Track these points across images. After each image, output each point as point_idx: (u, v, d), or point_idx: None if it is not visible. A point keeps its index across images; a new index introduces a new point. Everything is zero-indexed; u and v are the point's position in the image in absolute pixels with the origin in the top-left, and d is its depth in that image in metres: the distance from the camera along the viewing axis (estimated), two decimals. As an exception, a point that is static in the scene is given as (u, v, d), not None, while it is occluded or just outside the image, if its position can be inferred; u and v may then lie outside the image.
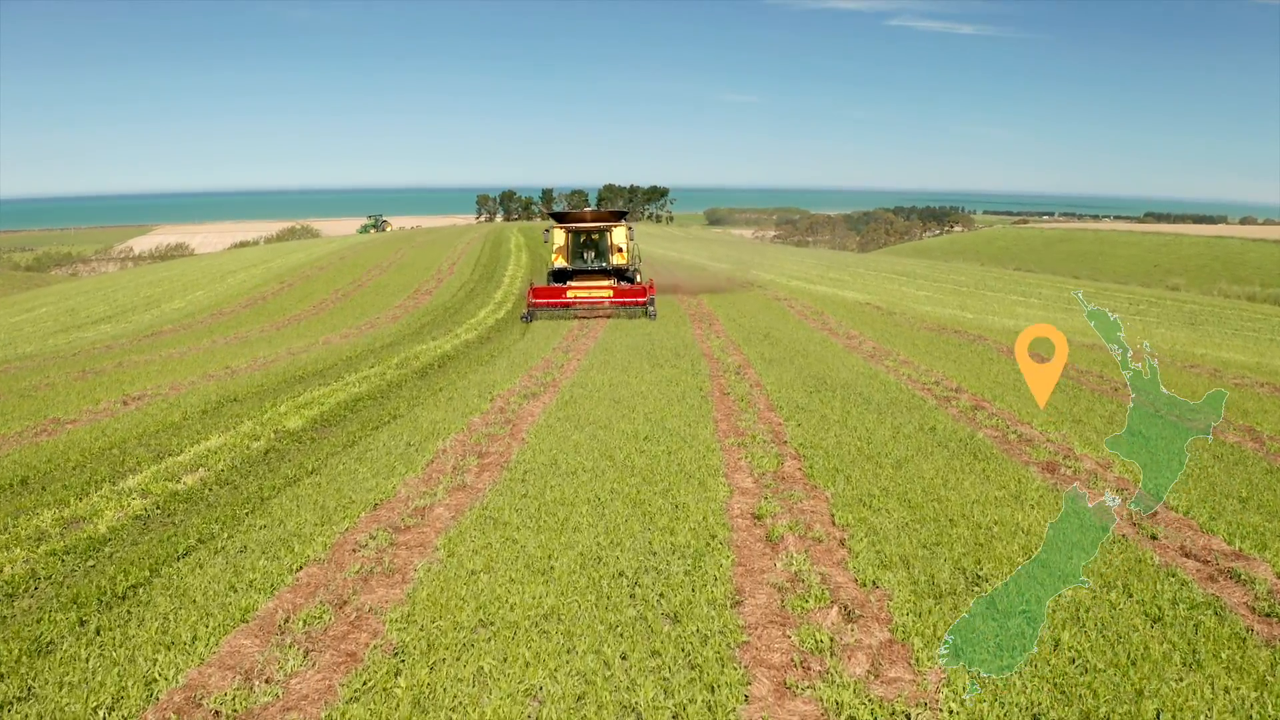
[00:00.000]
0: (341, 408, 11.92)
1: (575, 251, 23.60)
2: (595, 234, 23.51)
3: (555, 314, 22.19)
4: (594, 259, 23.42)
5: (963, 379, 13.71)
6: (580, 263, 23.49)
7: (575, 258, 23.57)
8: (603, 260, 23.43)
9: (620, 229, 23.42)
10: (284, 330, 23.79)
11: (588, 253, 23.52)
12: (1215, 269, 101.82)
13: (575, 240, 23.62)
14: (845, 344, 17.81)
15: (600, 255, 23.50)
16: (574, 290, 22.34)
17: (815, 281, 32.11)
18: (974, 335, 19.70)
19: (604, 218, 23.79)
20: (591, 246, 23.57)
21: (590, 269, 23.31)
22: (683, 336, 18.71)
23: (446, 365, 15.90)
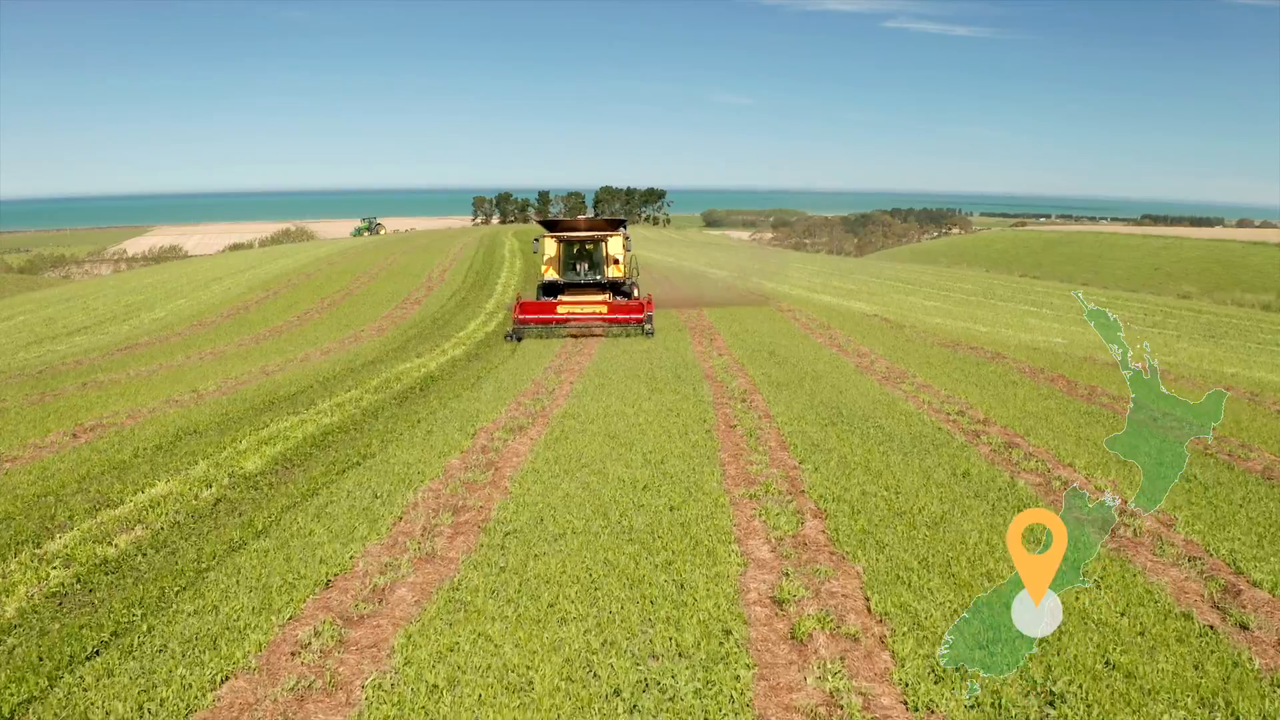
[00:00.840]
0: (308, 443, 10.82)
1: (567, 263, 21.89)
2: (589, 244, 21.84)
3: (545, 332, 20.57)
4: (588, 271, 21.74)
5: (988, 407, 12.64)
6: (573, 275, 21.79)
7: (567, 270, 21.86)
8: (597, 273, 21.77)
9: (616, 239, 21.75)
10: (263, 344, 22.67)
11: (581, 264, 21.83)
12: (1217, 272, 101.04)
13: (568, 251, 21.90)
14: (857, 363, 16.74)
15: (595, 267, 21.83)
16: (566, 305, 20.75)
17: (819, 290, 31.04)
18: (991, 352, 18.64)
19: (599, 226, 22.25)
20: (585, 257, 21.88)
21: (584, 282, 21.61)
22: (683, 354, 17.63)
23: (429, 389, 14.79)
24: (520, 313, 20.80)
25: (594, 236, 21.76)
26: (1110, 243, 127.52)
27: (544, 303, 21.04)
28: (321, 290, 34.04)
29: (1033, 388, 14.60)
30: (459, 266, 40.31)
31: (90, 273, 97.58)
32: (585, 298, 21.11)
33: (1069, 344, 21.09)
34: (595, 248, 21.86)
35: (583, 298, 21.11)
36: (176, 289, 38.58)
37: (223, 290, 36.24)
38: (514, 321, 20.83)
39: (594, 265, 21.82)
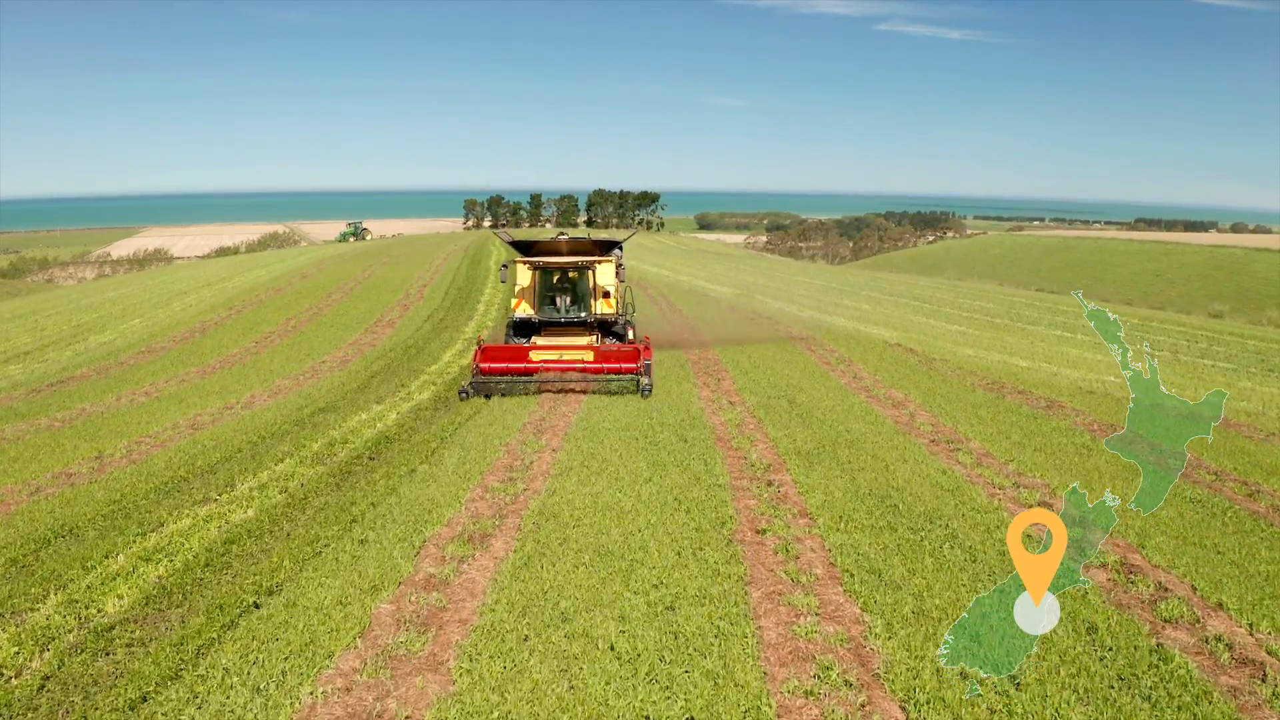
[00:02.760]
0: (202, 561, 8.18)
1: (545, 295, 17.60)
2: (573, 272, 17.50)
3: (513, 384, 15.84)
4: (570, 306, 17.51)
5: (1065, 485, 10.07)
6: (551, 311, 17.54)
7: (544, 304, 17.60)
8: (582, 308, 17.51)
9: (607, 265, 17.44)
10: (208, 379, 19.98)
11: (562, 298, 17.56)
12: (1220, 279, 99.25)
13: (545, 281, 17.55)
14: (894, 418, 14.17)
15: (579, 301, 17.54)
16: (541, 351, 16.38)
17: (830, 311, 28.51)
18: (1044, 399, 16.12)
19: (585, 250, 17.71)
20: (567, 289, 17.56)
21: (564, 320, 17.47)
22: (687, 402, 15.04)
23: (380, 456, 12.14)
24: (482, 360, 16.27)
25: (578, 263, 17.37)
26: (1110, 249, 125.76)
27: (513, 347, 16.62)
28: (289, 309, 31.30)
29: (1116, 458, 12.03)
30: (440, 281, 37.62)
31: (74, 276, 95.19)
32: (566, 340, 16.91)
33: (1124, 383, 18.58)
34: (580, 277, 17.55)
35: (563, 340, 16.91)
36: (135, 305, 35.78)
37: (183, 308, 33.47)
38: (473, 373, 16.22)
39: (578, 299, 17.56)
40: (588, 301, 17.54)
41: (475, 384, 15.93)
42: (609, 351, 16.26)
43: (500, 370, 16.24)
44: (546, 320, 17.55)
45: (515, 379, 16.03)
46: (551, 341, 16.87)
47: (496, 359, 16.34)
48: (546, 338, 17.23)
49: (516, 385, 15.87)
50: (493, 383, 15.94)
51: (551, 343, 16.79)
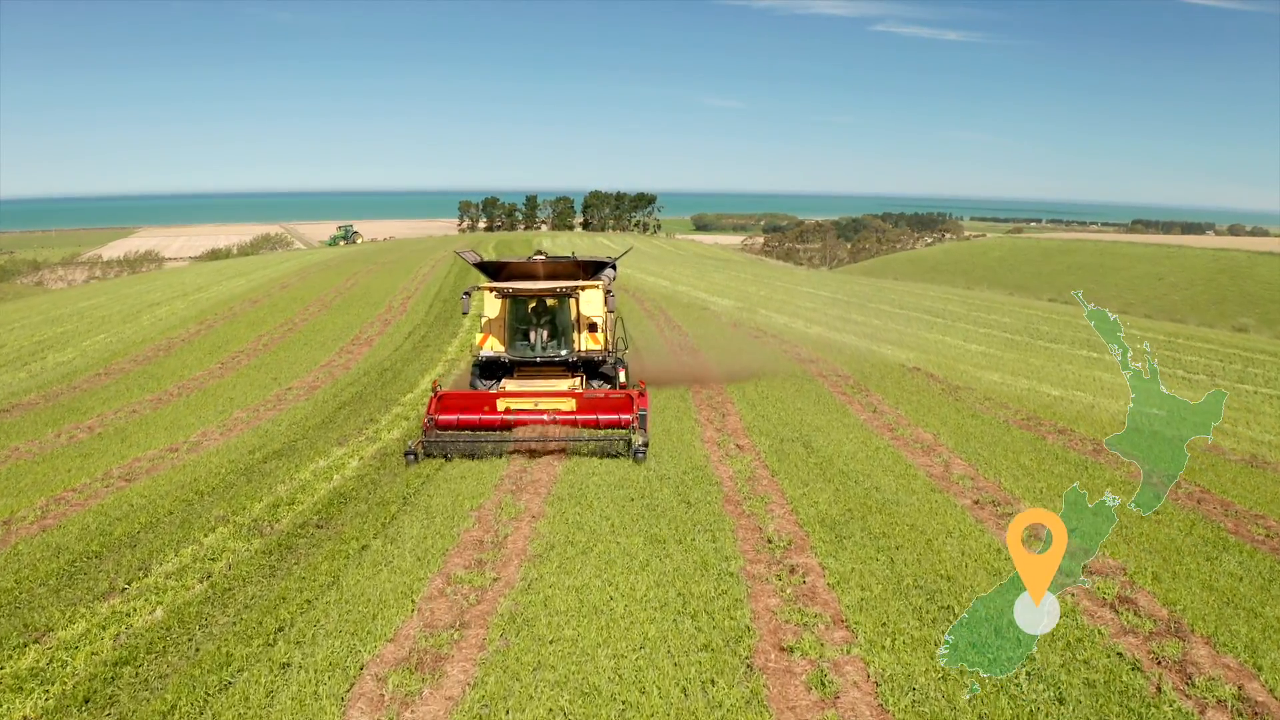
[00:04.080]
0: (75, 699, 6.41)
1: (516, 330, 14.78)
2: (551, 300, 14.68)
3: (476, 443, 12.82)
4: (548, 343, 14.69)
5: (1151, 578, 8.40)
6: (524, 348, 14.73)
7: (516, 339, 14.76)
8: (562, 345, 14.70)
9: (594, 292, 14.62)
10: (161, 410, 18.15)
11: (537, 332, 14.67)
12: (1223, 283, 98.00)
13: (517, 311, 14.79)
14: (926, 467, 12.43)
15: (559, 336, 14.70)
16: (512, 400, 13.57)
17: (838, 327, 26.77)
18: (1088, 440, 14.41)
19: (566, 272, 14.76)
20: (545, 320, 14.77)
21: (540, 360, 14.66)
22: (689, 448, 13.28)
23: (329, 524, 10.35)
24: (438, 411, 13.31)
25: (558, 289, 14.40)
26: (1111, 251, 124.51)
27: (477, 394, 13.82)
28: (263, 324, 29.47)
29: (1192, 524, 10.34)
30: (425, 291, 35.80)
31: (64, 278, 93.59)
32: (543, 385, 14.11)
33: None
34: (560, 307, 14.68)
35: (539, 385, 14.11)
36: (104, 318, 33.89)
37: (153, 321, 31.61)
38: (424, 428, 13.09)
39: (557, 333, 14.72)
40: (569, 336, 14.65)
41: (427, 443, 12.77)
42: (595, 400, 13.40)
43: (460, 424, 13.40)
44: (519, 360, 14.63)
45: (479, 435, 13.16)
46: (525, 386, 14.05)
47: (455, 409, 13.45)
48: (519, 381, 14.41)
49: (481, 444, 12.80)
50: (450, 441, 12.90)
51: (525, 388, 13.97)
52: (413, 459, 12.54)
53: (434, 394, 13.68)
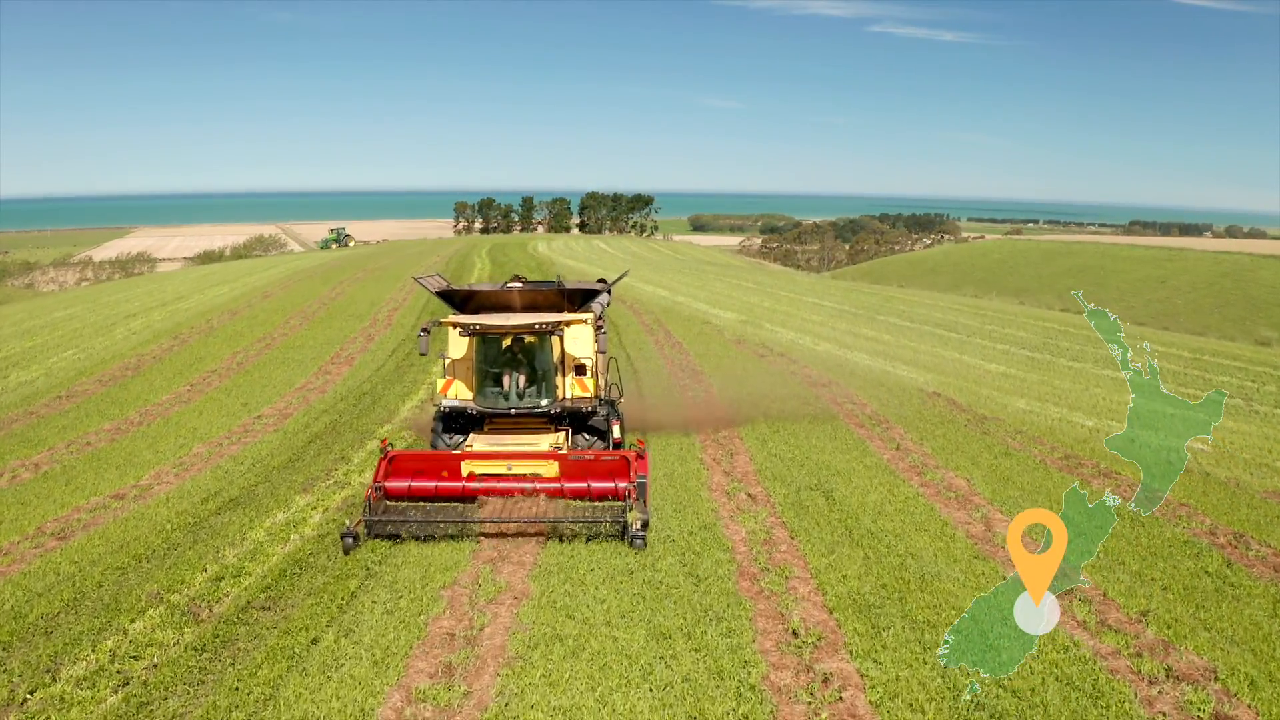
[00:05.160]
0: None
1: (486, 374, 12.19)
2: (529, 337, 12.05)
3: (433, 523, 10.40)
4: (525, 389, 12.10)
5: (1235, 673, 7.03)
6: (496, 397, 12.12)
7: (486, 386, 12.17)
8: (542, 393, 12.09)
9: (581, 328, 12.19)
10: (116, 443, 16.64)
11: (512, 377, 12.11)
12: (1227, 287, 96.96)
13: (488, 352, 12.21)
14: (964, 525, 10.99)
15: (538, 381, 12.13)
16: (480, 462, 11.13)
17: (849, 344, 25.29)
18: (1133, 484, 12.94)
19: (548, 303, 12.36)
20: (522, 362, 12.20)
21: (515, 411, 12.00)
22: (694, 499, 11.84)
23: (276, 604, 8.86)
24: (389, 477, 10.86)
25: (537, 325, 11.73)
26: (1112, 254, 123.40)
27: (437, 455, 11.48)
28: (240, 338, 27.95)
29: (1277, 601, 8.91)
30: (413, 303, 34.26)
31: (55, 280, 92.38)
32: (518, 442, 11.61)
33: (1218, 449, 15.47)
34: (541, 345, 12.08)
35: (514, 442, 11.61)
36: (77, 331, 32.34)
37: (126, 335, 30.07)
38: (367, 501, 10.52)
39: (537, 378, 12.15)
40: (551, 382, 12.06)
41: (370, 522, 10.25)
42: (584, 463, 10.91)
43: (414, 492, 10.88)
44: (490, 411, 12.00)
45: (437, 507, 10.75)
46: (497, 445, 11.51)
47: (409, 473, 10.93)
48: (490, 437, 11.85)
49: (439, 523, 10.32)
50: (400, 520, 10.39)
51: (497, 446, 11.44)
52: (351, 543, 10.02)
53: (383, 454, 11.11)
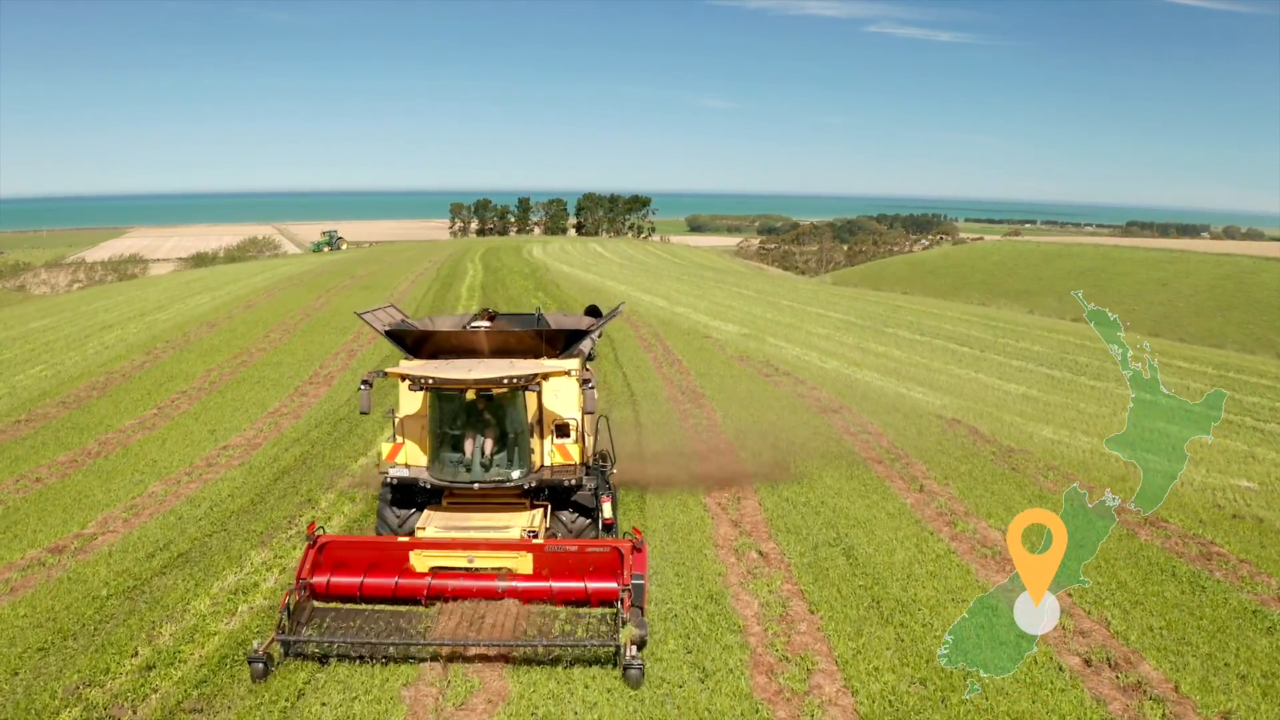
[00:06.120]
0: None
1: (444, 437, 9.74)
2: (498, 390, 9.31)
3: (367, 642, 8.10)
4: (492, 457, 9.60)
5: None
6: (455, 466, 9.64)
7: (443, 451, 9.73)
8: (514, 460, 9.69)
9: (563, 381, 10.00)
10: (69, 479, 15.27)
11: (474, 440, 9.58)
12: (1228, 289, 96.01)
13: (446, 409, 9.68)
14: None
15: (508, 448, 9.68)
16: (434, 553, 8.95)
17: (857, 361, 23.93)
18: (1190, 537, 11.73)
19: (524, 346, 10.17)
20: (488, 421, 9.63)
21: (480, 483, 9.57)
22: (698, 557, 10.55)
23: (209, 708, 7.54)
24: (314, 571, 8.72)
25: (508, 379, 9.19)
26: (1112, 256, 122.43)
27: (379, 543, 9.35)
28: (216, 354, 26.58)
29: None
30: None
31: (48, 282, 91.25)
32: (482, 522, 9.43)
33: (1265, 488, 14.17)
34: (512, 401, 9.58)
35: (478, 525, 9.40)
36: (50, 344, 30.92)
37: (98, 350, 28.67)
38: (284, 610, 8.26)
39: (507, 442, 9.64)
40: (524, 449, 9.64)
41: (284, 641, 8.09)
42: (566, 556, 8.66)
43: (351, 591, 8.62)
44: (447, 483, 9.60)
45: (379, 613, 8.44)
46: (456, 527, 9.27)
47: (344, 567, 8.73)
48: (448, 517, 9.54)
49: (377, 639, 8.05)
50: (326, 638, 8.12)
51: (456, 531, 9.20)
52: (261, 669, 7.71)
53: (309, 541, 8.78)
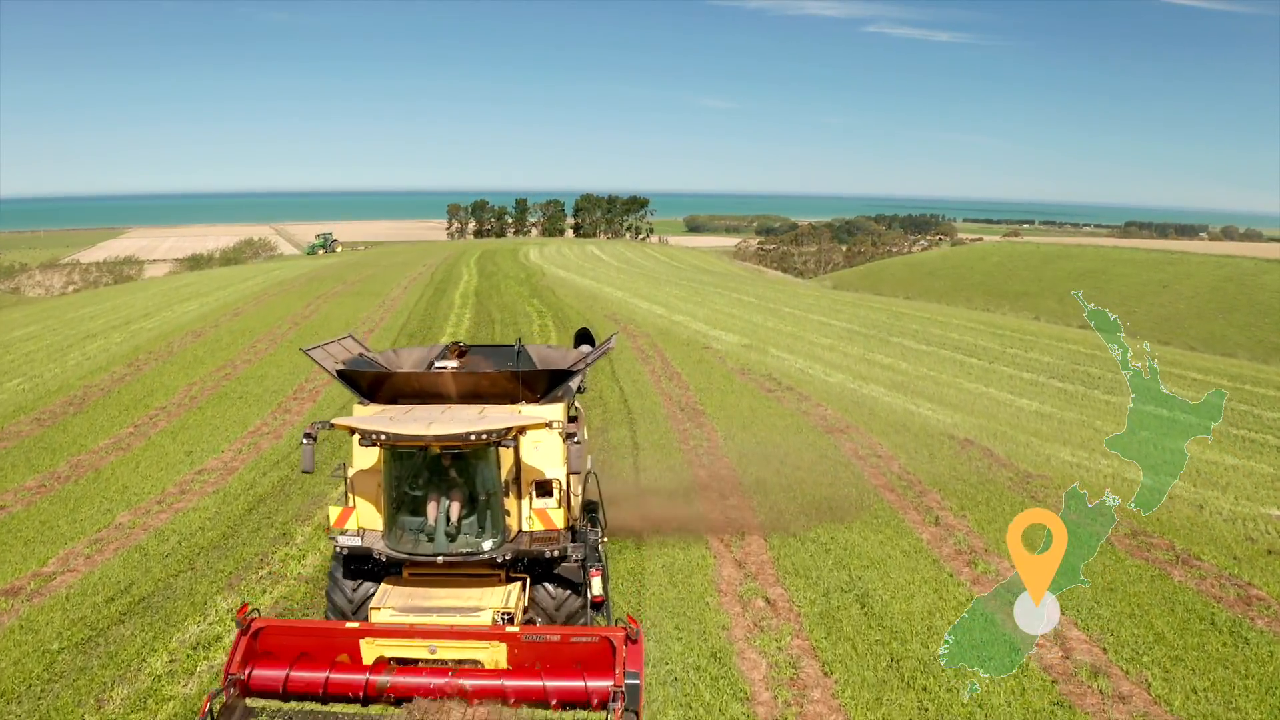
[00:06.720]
0: None
1: (403, 500, 8.11)
2: (466, 444, 7.64)
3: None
4: (459, 523, 7.96)
5: None
6: (415, 535, 8.04)
7: (401, 515, 8.11)
8: (486, 528, 8.10)
9: (542, 435, 8.25)
10: (34, 506, 14.44)
11: (438, 503, 7.96)
12: (1229, 291, 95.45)
13: (405, 467, 8.05)
14: (1042, 661, 8.82)
15: (478, 513, 8.09)
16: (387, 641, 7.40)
17: (863, 375, 23.08)
18: (1225, 576, 10.96)
19: (497, 390, 8.62)
20: (454, 481, 8.02)
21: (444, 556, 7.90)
22: (699, 609, 9.72)
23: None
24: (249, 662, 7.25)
25: (478, 435, 7.49)
26: (1112, 257, 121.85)
27: (323, 627, 7.93)
28: (200, 364, 25.71)
29: None
30: (390, 323, 32.07)
31: (42, 283, 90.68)
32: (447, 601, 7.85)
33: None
34: (484, 458, 7.95)
35: (441, 601, 7.86)
36: (30, 354, 30.04)
37: (79, 361, 27.78)
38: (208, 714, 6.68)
39: (476, 506, 8.10)
40: (498, 514, 8.02)
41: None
42: (546, 646, 7.13)
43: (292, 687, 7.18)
44: (405, 556, 7.96)
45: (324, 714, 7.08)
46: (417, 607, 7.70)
47: (281, 657, 7.27)
48: (408, 594, 7.93)
49: None
50: None
51: (416, 614, 7.59)
52: None
53: (241, 628, 7.24)
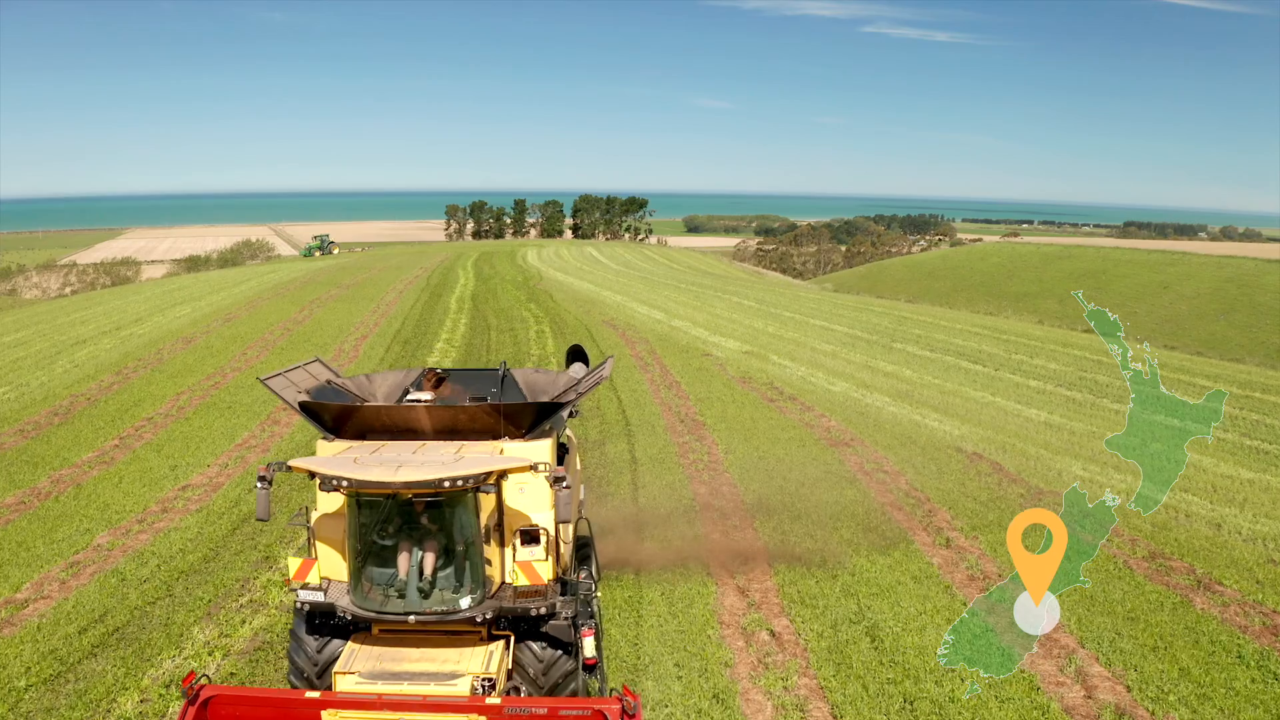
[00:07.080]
0: None
1: (370, 551, 6.99)
2: (439, 495, 6.59)
3: None
4: (432, 577, 6.91)
5: None
6: (384, 590, 6.95)
7: (368, 567, 7.02)
8: (463, 582, 6.96)
9: (526, 478, 7.17)
10: (10, 526, 13.94)
11: (410, 554, 6.91)
12: (1231, 293, 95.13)
13: (372, 515, 6.92)
14: (1054, 689, 8.49)
15: (454, 564, 6.98)
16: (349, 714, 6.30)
17: (867, 383, 22.59)
18: (1250, 605, 10.49)
19: (477, 425, 7.52)
20: (427, 530, 6.96)
21: (417, 614, 6.78)
22: (699, 642, 9.24)
23: None
24: None
25: (451, 482, 6.31)
26: (1113, 258, 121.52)
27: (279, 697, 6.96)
28: (190, 373, 25.20)
29: None
30: (386, 328, 31.54)
31: (39, 285, 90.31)
32: (419, 664, 6.83)
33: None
34: (461, 504, 6.86)
35: (412, 664, 6.84)
36: (17, 360, 29.46)
37: (68, 368, 27.24)
38: None
39: (454, 558, 7.00)
40: (477, 565, 7.00)
41: None
42: (525, 718, 6.17)
43: None
44: (373, 614, 6.92)
45: None
46: (385, 672, 6.76)
47: None
48: (379, 649, 7.01)
49: None
50: None
51: (383, 680, 6.65)
52: None
53: (188, 697, 6.34)
